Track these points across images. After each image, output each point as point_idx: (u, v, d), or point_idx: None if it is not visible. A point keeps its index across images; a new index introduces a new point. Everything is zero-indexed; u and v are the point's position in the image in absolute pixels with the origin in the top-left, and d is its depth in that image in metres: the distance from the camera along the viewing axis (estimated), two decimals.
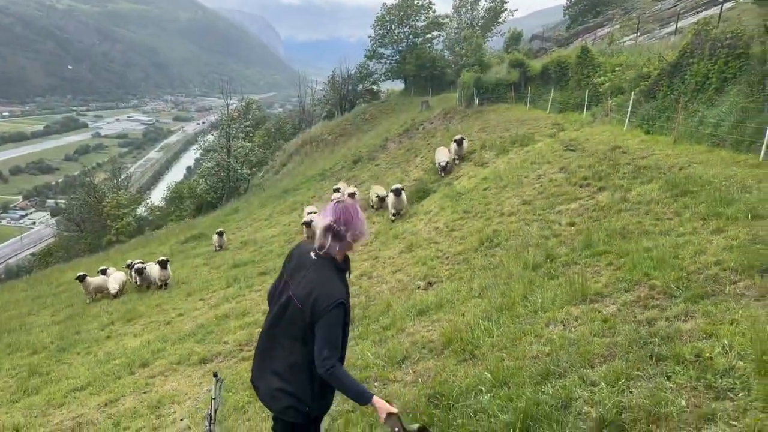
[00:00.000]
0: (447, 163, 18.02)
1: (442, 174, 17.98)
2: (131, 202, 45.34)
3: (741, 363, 3.88)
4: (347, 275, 3.34)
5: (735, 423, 3.38)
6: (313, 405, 3.24)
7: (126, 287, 16.87)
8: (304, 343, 3.14)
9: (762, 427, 3.24)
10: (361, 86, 60.86)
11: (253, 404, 6.25)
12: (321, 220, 3.22)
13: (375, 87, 62.07)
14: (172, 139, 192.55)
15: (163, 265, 15.59)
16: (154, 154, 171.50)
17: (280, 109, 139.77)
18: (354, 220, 3.19)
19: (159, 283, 15.77)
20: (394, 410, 3.13)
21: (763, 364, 3.71)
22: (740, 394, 3.60)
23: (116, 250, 30.08)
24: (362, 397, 3.10)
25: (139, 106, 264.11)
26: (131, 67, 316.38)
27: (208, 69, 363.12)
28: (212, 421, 3.28)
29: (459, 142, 18.37)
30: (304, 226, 16.24)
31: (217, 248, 19.52)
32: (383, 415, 3.10)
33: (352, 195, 17.30)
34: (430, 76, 53.07)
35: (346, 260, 3.34)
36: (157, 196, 67.19)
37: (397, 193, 14.66)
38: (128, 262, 18.38)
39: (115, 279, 16.60)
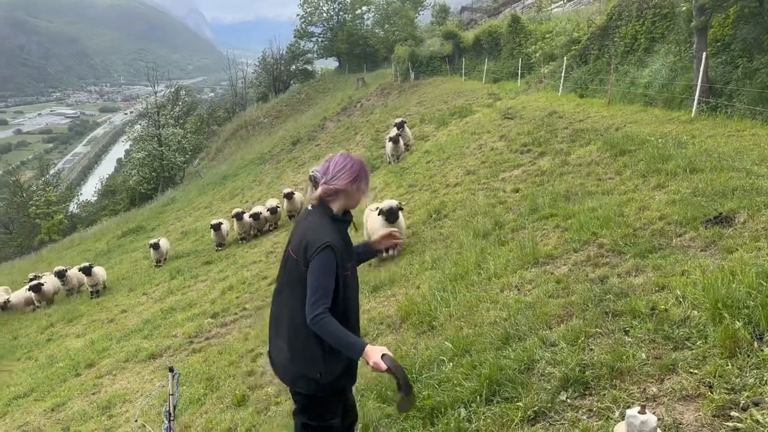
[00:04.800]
0: (397, 135, 15.59)
1: (396, 161, 15.59)
2: (61, 199, 43.39)
3: (696, 312, 3.95)
4: (347, 228, 3.17)
5: (696, 371, 3.42)
6: (325, 370, 2.97)
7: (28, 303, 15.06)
8: (303, 299, 2.90)
9: (722, 373, 3.30)
10: (294, 66, 59.86)
11: (209, 396, 6.05)
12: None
13: (309, 66, 61.18)
14: (99, 131, 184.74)
15: (86, 271, 13.95)
16: (81, 148, 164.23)
17: (211, 94, 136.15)
18: (332, 168, 3.03)
19: (91, 290, 14.29)
20: (386, 351, 2.82)
21: (717, 311, 3.78)
22: (698, 343, 3.66)
23: (50, 250, 28.81)
24: (353, 349, 2.81)
25: (62, 99, 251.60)
26: (51, 58, 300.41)
27: (133, 56, 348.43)
28: (171, 418, 3.08)
29: (399, 126, 16.28)
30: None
31: (157, 263, 15.77)
32: (374, 360, 2.76)
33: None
34: (364, 52, 52.62)
35: (347, 213, 3.16)
36: (89, 191, 64.57)
37: (392, 216, 8.41)
38: (31, 275, 16.77)
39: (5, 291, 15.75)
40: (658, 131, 9.52)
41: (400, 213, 8.65)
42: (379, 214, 8.42)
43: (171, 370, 3.14)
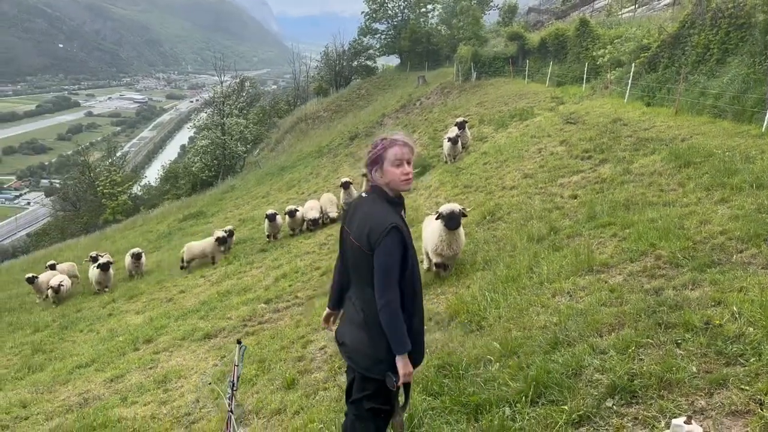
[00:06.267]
0: (456, 136, 15.52)
1: (452, 161, 15.53)
2: (126, 180, 45.14)
3: (751, 329, 3.90)
4: (403, 213, 3.22)
5: (747, 388, 3.40)
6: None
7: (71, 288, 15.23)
8: (373, 286, 3.01)
9: None
10: (356, 62, 60.36)
11: (261, 377, 6.29)
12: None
13: (370, 62, 61.55)
14: (165, 117, 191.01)
15: (228, 235, 14.96)
16: (147, 133, 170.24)
17: (274, 86, 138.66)
18: (382, 140, 3.14)
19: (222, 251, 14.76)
20: (410, 379, 3.07)
21: None
22: (751, 360, 3.62)
23: (114, 229, 30.03)
24: (400, 345, 2.96)
25: (131, 84, 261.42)
26: (123, 45, 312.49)
27: (201, 46, 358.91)
28: (234, 387, 3.27)
29: (461, 126, 16.08)
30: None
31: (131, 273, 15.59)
32: (410, 371, 3.01)
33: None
34: (426, 51, 52.58)
35: (400, 197, 3.22)
36: (152, 175, 66.85)
37: (453, 222, 7.15)
38: (92, 254, 17.16)
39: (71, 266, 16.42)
40: (725, 144, 9.24)
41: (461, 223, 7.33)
42: (437, 218, 7.25)
43: (239, 342, 3.33)
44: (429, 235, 7.68)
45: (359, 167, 21.08)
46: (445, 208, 7.26)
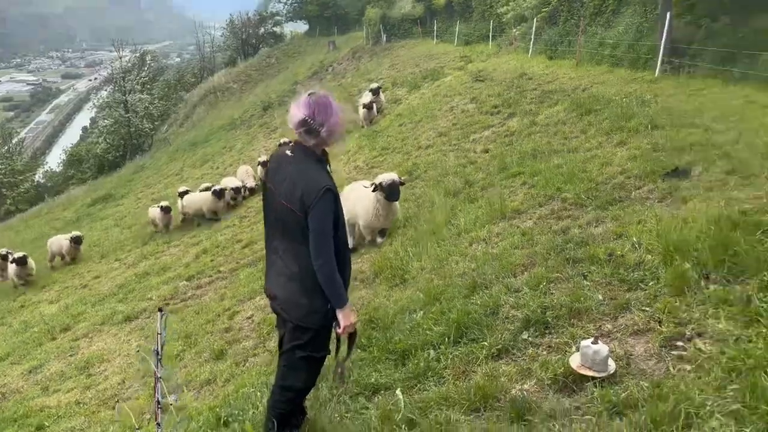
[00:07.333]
0: (371, 102, 15.49)
1: (369, 125, 15.37)
2: (27, 168, 42.37)
3: (649, 257, 4.21)
4: (328, 167, 3.20)
5: (647, 309, 3.69)
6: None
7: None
8: (305, 242, 3.03)
9: (671, 309, 3.56)
10: (262, 29, 58.73)
11: (188, 351, 6.21)
12: (294, 113, 3.04)
13: (278, 29, 60.05)
14: (63, 98, 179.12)
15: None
16: (44, 117, 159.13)
17: (178, 59, 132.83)
18: (329, 114, 3.02)
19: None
20: (354, 328, 3.21)
21: (668, 254, 4.04)
22: (650, 284, 3.93)
23: (18, 219, 28.29)
24: (340, 300, 3.06)
25: (21, 65, 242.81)
26: (7, 23, 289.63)
27: (94, 19, 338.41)
28: (159, 356, 3.23)
29: (375, 92, 16.14)
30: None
31: (159, 228, 14.20)
32: (343, 327, 3.11)
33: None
34: (334, 15, 51.77)
35: (324, 153, 3.19)
36: (53, 160, 63.04)
37: (394, 194, 6.88)
38: (2, 251, 14.63)
39: None
40: (623, 91, 9.76)
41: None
42: (374, 191, 6.79)
43: (160, 310, 3.27)
44: (357, 206, 7.15)
45: (274, 138, 20.76)
46: (384, 178, 6.79)
